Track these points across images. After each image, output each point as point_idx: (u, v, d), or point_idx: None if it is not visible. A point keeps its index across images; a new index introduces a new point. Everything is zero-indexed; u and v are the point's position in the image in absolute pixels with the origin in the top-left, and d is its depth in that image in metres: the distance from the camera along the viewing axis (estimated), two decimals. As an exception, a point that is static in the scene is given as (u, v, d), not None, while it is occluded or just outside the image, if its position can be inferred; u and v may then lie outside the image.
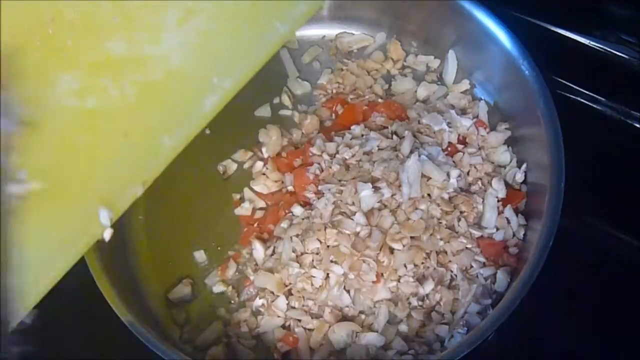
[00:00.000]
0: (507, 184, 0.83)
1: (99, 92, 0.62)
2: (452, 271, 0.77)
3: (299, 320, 0.77)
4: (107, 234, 0.64)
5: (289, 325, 0.77)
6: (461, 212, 0.79)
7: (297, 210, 0.82)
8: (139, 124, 0.64)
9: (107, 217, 0.63)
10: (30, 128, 0.61)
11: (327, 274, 0.76)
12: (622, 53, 0.94)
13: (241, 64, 0.66)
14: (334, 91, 0.96)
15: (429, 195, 0.79)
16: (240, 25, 0.66)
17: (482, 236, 0.78)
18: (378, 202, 0.77)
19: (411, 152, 0.81)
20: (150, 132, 0.64)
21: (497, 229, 0.79)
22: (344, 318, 0.76)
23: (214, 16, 0.65)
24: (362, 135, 0.86)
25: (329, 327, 0.75)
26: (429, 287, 0.75)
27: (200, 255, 0.85)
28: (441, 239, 0.77)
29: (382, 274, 0.75)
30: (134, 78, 0.63)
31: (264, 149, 0.91)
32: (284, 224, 0.82)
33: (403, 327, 0.74)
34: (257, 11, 0.66)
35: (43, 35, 0.62)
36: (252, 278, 0.81)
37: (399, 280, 0.75)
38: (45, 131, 0.62)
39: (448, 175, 0.80)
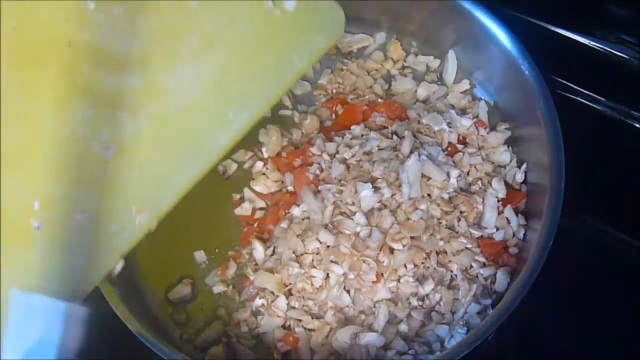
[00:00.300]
0: (507, 184, 0.83)
1: (113, 124, 0.62)
2: (452, 271, 0.77)
3: (299, 320, 0.77)
4: (119, 266, 0.65)
5: (289, 325, 0.77)
6: (461, 212, 0.79)
7: (296, 211, 0.81)
8: (152, 159, 0.63)
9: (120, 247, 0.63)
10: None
11: (327, 274, 0.76)
12: (622, 53, 0.94)
13: (257, 99, 0.66)
14: (334, 91, 0.96)
15: (429, 195, 0.79)
16: (257, 59, 0.66)
17: (482, 236, 0.78)
18: (378, 202, 0.77)
19: (411, 152, 0.81)
20: (164, 166, 0.64)
21: (497, 229, 0.79)
22: (345, 318, 0.76)
23: (231, 49, 0.64)
24: (362, 135, 0.86)
25: (330, 328, 0.75)
26: (429, 287, 0.75)
27: (200, 255, 0.85)
28: (441, 239, 0.77)
29: (382, 274, 0.75)
30: (149, 111, 0.62)
31: (264, 149, 0.91)
32: (284, 224, 0.82)
33: (403, 327, 0.74)
34: (275, 44, 0.66)
35: (58, 57, 0.61)
36: (252, 278, 0.81)
37: (399, 280, 0.75)
38: (53, 160, 0.61)
39: (448, 175, 0.80)
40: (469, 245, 0.77)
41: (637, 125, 0.94)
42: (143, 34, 0.62)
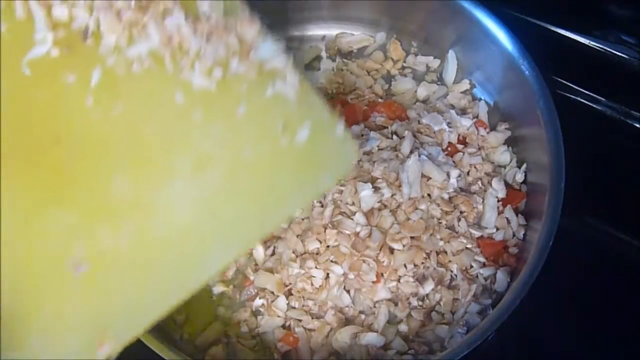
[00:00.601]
0: (507, 184, 0.83)
1: (90, 238, 0.54)
2: (452, 271, 0.77)
3: (299, 320, 0.77)
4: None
5: (289, 325, 0.77)
6: (461, 212, 0.79)
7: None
8: (126, 283, 0.55)
9: None
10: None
11: (327, 274, 0.76)
12: (622, 53, 0.94)
13: (246, 233, 0.60)
14: (334, 91, 0.96)
15: (429, 195, 0.79)
16: (255, 190, 0.60)
17: (482, 236, 0.78)
18: (378, 202, 0.77)
19: (411, 152, 0.81)
20: (137, 294, 0.56)
21: (497, 229, 0.79)
22: (345, 318, 0.76)
23: (229, 173, 0.58)
24: (362, 135, 0.86)
25: (331, 329, 0.75)
26: (429, 287, 0.75)
27: (200, 255, 0.84)
28: (441, 239, 0.77)
29: (382, 274, 0.75)
30: (131, 228, 0.55)
31: (264, 149, 0.91)
32: (284, 224, 0.82)
33: (403, 327, 0.74)
34: (277, 177, 0.60)
35: (43, 155, 0.54)
36: (252, 278, 0.81)
37: (399, 280, 0.75)
38: (17, 271, 0.53)
39: (448, 175, 0.80)
40: (469, 245, 0.77)
41: (637, 125, 0.94)
42: (139, 140, 0.56)
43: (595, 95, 0.96)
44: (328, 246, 0.76)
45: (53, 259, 0.53)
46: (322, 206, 0.79)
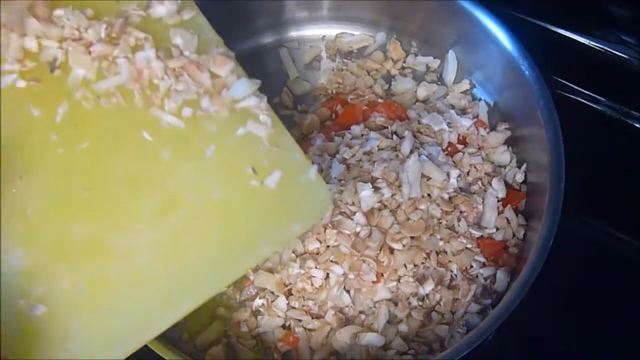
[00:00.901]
0: (507, 184, 0.83)
1: (50, 279, 0.53)
2: (452, 271, 0.77)
3: (299, 320, 0.77)
4: None
5: (289, 325, 0.77)
6: (461, 212, 0.79)
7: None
8: (83, 328, 0.54)
9: None
10: None
11: (327, 274, 0.76)
12: (622, 53, 0.94)
13: (209, 281, 0.58)
14: (334, 91, 0.96)
15: (429, 195, 0.79)
16: (222, 235, 0.58)
17: (482, 236, 0.78)
18: (378, 202, 0.77)
19: (411, 152, 0.81)
20: (93, 340, 0.54)
21: (497, 229, 0.79)
22: (345, 318, 0.76)
23: (195, 217, 0.57)
24: (362, 135, 0.86)
25: (331, 329, 0.75)
26: (429, 287, 0.75)
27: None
28: (441, 239, 0.77)
29: (382, 274, 0.75)
30: (89, 269, 0.54)
31: (264, 149, 0.91)
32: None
33: (403, 327, 0.74)
34: (246, 222, 0.59)
35: (6, 190, 0.52)
36: (252, 278, 0.81)
37: (399, 280, 0.75)
38: None
39: (448, 175, 0.80)
40: (469, 245, 0.77)
41: (637, 125, 0.94)
42: (102, 179, 0.55)
43: (595, 95, 0.96)
44: (328, 246, 0.76)
45: (7, 301, 0.52)
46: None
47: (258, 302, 0.79)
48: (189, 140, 0.58)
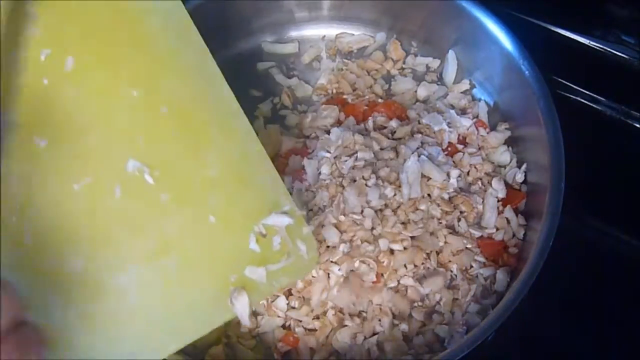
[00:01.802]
0: (507, 184, 0.83)
1: (41, 310, 0.53)
2: (452, 271, 0.77)
3: (299, 321, 0.77)
4: None
5: (289, 325, 0.77)
6: (461, 212, 0.79)
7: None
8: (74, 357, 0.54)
9: None
10: None
11: (327, 274, 0.76)
12: (622, 53, 0.94)
13: (196, 325, 0.59)
14: (334, 91, 0.96)
15: (429, 195, 0.79)
16: (212, 282, 0.60)
17: (482, 236, 0.78)
18: (380, 203, 0.77)
19: (411, 152, 0.81)
20: None
21: (497, 229, 0.79)
22: (345, 319, 0.76)
23: (189, 260, 0.58)
24: (363, 135, 0.86)
25: (331, 329, 0.75)
26: (429, 287, 0.75)
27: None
28: (441, 239, 0.77)
29: (382, 274, 0.75)
30: (81, 306, 0.54)
31: (264, 149, 0.91)
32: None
33: (403, 327, 0.74)
34: (238, 266, 0.61)
35: (6, 224, 0.53)
36: (252, 278, 0.81)
37: (399, 281, 0.75)
38: None
39: (448, 175, 0.80)
40: (469, 245, 0.77)
41: (637, 125, 0.94)
42: (100, 217, 0.56)
43: (595, 95, 0.96)
44: (328, 246, 0.76)
45: None
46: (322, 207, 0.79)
47: (258, 302, 0.79)
48: (193, 187, 0.59)
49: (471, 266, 0.77)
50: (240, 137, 0.64)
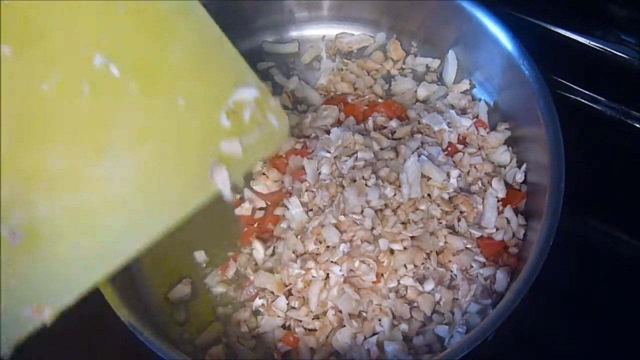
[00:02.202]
0: (507, 184, 0.83)
1: (28, 207, 0.55)
2: (452, 271, 0.77)
3: (299, 321, 0.77)
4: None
5: (289, 325, 0.77)
6: (461, 212, 0.79)
7: (291, 213, 0.81)
8: (61, 253, 0.57)
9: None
10: None
11: (327, 274, 0.76)
12: (622, 53, 0.94)
13: (180, 204, 0.62)
14: (334, 91, 0.96)
15: (429, 195, 0.79)
16: (190, 165, 0.62)
17: (482, 236, 0.78)
18: (380, 202, 0.77)
19: (411, 152, 0.81)
20: (72, 263, 0.58)
21: (497, 229, 0.79)
22: (345, 319, 0.76)
23: (164, 148, 0.60)
24: (363, 135, 0.86)
25: (331, 329, 0.75)
26: (429, 287, 0.75)
27: (200, 255, 0.85)
28: (441, 239, 0.77)
29: (382, 274, 0.75)
30: (65, 198, 0.57)
31: (264, 149, 0.91)
32: (284, 224, 0.82)
33: (403, 327, 0.74)
34: (212, 147, 0.63)
35: None
36: (252, 278, 0.81)
37: (399, 281, 0.75)
38: None
39: (448, 175, 0.80)
40: (469, 245, 0.77)
41: (637, 125, 0.94)
42: (76, 113, 0.57)
43: (595, 95, 0.96)
44: (328, 246, 0.76)
45: None
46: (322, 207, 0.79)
47: (258, 302, 0.79)
48: (159, 75, 0.61)
49: (471, 266, 0.77)
50: (198, 23, 0.65)
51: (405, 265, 0.75)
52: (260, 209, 0.88)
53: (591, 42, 0.96)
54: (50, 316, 0.57)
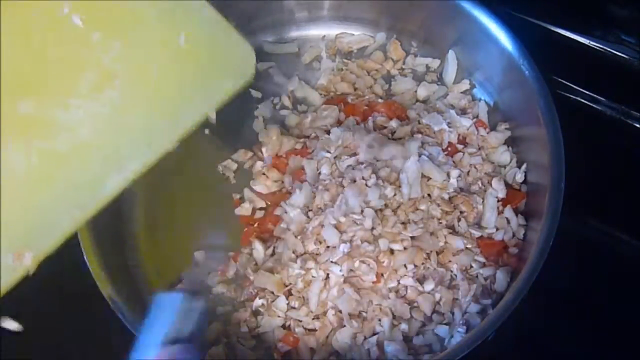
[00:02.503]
0: (507, 184, 0.83)
1: (6, 160, 0.56)
2: (452, 271, 0.77)
3: (299, 321, 0.77)
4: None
5: (289, 325, 0.77)
6: (461, 212, 0.79)
7: (290, 213, 0.81)
8: (38, 198, 0.58)
9: None
10: None
11: (327, 274, 0.76)
12: (622, 53, 0.94)
13: (152, 144, 0.63)
14: (334, 91, 0.96)
15: (429, 195, 0.79)
16: (158, 102, 0.63)
17: (482, 236, 0.78)
18: (380, 202, 0.77)
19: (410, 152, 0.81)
20: (50, 207, 0.59)
21: (497, 229, 0.79)
22: (345, 319, 0.76)
23: (131, 88, 0.62)
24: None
25: (331, 329, 0.75)
26: (429, 287, 0.75)
27: (200, 255, 0.85)
28: (441, 239, 0.77)
29: (382, 274, 0.75)
30: (37, 145, 0.58)
31: (264, 149, 0.91)
32: (284, 224, 0.82)
33: (403, 327, 0.74)
34: (179, 87, 0.64)
35: None
36: (252, 278, 0.81)
37: (399, 281, 0.75)
38: None
39: (448, 175, 0.80)
40: (469, 245, 0.77)
41: (637, 125, 0.94)
42: (42, 62, 0.59)
43: (595, 95, 0.96)
44: (328, 247, 0.76)
45: None
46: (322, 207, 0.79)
47: (258, 302, 0.79)
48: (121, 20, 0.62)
49: (471, 266, 0.77)
50: None
51: (405, 265, 0.75)
52: (260, 209, 0.88)
53: (591, 42, 0.96)
54: (32, 261, 0.57)
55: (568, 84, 0.97)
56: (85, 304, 0.78)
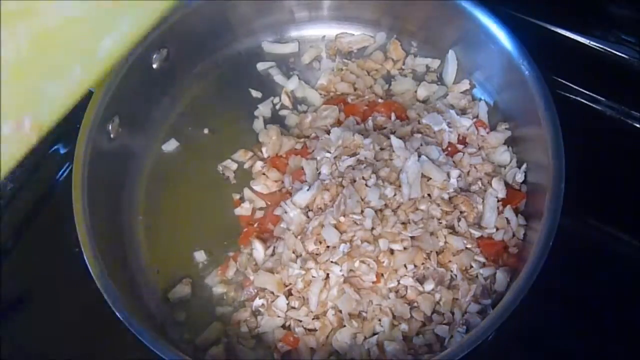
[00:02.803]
0: (507, 184, 0.83)
1: None
2: (452, 271, 0.77)
3: (299, 321, 0.77)
4: None
5: (289, 325, 0.77)
6: (461, 212, 0.79)
7: (290, 214, 0.81)
8: (36, 75, 0.58)
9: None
10: None
11: (327, 274, 0.76)
12: (622, 53, 0.94)
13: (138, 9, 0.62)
14: (334, 91, 0.96)
15: (429, 195, 0.79)
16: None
17: (482, 236, 0.78)
18: (380, 202, 0.77)
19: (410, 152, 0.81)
20: (48, 80, 0.59)
21: (497, 229, 0.79)
22: (345, 319, 0.76)
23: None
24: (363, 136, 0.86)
25: (331, 329, 0.75)
26: (429, 287, 0.75)
27: (200, 255, 0.85)
28: (441, 239, 0.77)
29: (382, 274, 0.75)
30: (27, 30, 0.57)
31: (264, 149, 0.91)
32: (284, 224, 0.82)
33: (403, 327, 0.74)
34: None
35: None
36: (252, 278, 0.81)
37: (399, 281, 0.75)
38: None
39: (448, 175, 0.80)
40: (469, 245, 0.77)
41: (637, 125, 0.94)
42: None
43: (595, 95, 0.96)
44: (328, 247, 0.76)
45: None
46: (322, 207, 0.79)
47: (258, 302, 0.79)
48: None
49: (471, 266, 0.77)
50: None
51: (405, 265, 0.75)
52: (260, 209, 0.88)
53: (591, 42, 0.96)
54: (32, 128, 0.56)
55: (568, 84, 0.97)
56: (86, 304, 0.78)
